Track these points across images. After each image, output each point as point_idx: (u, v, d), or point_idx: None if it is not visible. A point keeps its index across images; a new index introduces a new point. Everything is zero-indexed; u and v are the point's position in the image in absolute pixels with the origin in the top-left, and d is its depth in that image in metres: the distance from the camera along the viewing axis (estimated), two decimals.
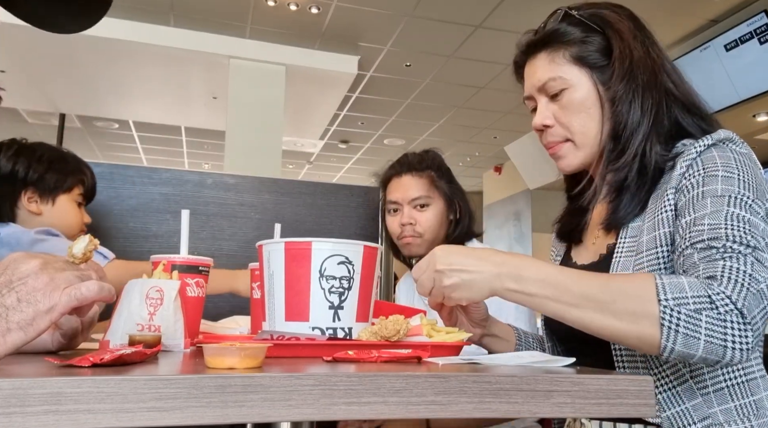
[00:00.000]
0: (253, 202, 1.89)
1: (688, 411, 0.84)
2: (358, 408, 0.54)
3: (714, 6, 4.12)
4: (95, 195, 1.66)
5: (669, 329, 0.70)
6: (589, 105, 0.96)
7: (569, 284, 0.76)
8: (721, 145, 0.88)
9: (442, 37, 4.56)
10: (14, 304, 0.58)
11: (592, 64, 0.96)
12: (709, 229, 0.78)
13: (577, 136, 0.98)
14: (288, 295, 0.85)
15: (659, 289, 0.72)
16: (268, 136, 4.71)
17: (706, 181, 0.84)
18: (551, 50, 0.98)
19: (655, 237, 0.87)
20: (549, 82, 0.98)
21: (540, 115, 1.00)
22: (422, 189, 1.66)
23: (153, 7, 4.26)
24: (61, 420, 0.47)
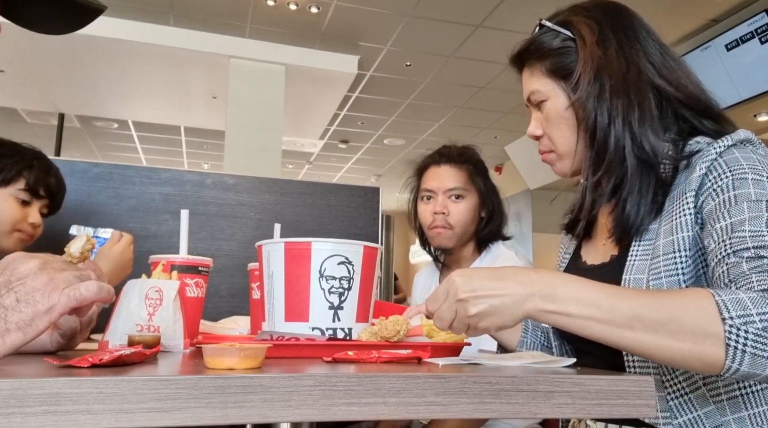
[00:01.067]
0: (253, 202, 1.89)
1: (701, 418, 0.82)
2: (358, 409, 0.54)
3: (714, 6, 4.12)
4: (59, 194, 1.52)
5: (736, 349, 0.66)
6: (567, 115, 0.97)
7: (615, 303, 0.71)
8: (742, 146, 0.85)
9: (442, 37, 4.56)
10: (13, 305, 0.57)
11: (563, 75, 0.96)
12: (752, 237, 0.74)
13: (558, 146, 0.99)
14: (288, 295, 0.84)
15: (721, 307, 0.67)
16: (268, 136, 4.71)
17: (736, 185, 0.80)
18: (530, 65, 1.01)
19: (673, 241, 0.84)
20: (531, 95, 1.00)
21: (531, 125, 1.03)
22: (459, 180, 1.67)
23: (153, 7, 4.25)
24: (60, 421, 0.47)
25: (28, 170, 1.44)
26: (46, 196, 1.48)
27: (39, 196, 1.47)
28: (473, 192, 1.67)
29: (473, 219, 1.68)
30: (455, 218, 1.65)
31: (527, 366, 0.71)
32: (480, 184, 1.68)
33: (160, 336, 0.83)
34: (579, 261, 1.05)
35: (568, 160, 1.00)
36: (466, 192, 1.66)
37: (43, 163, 1.48)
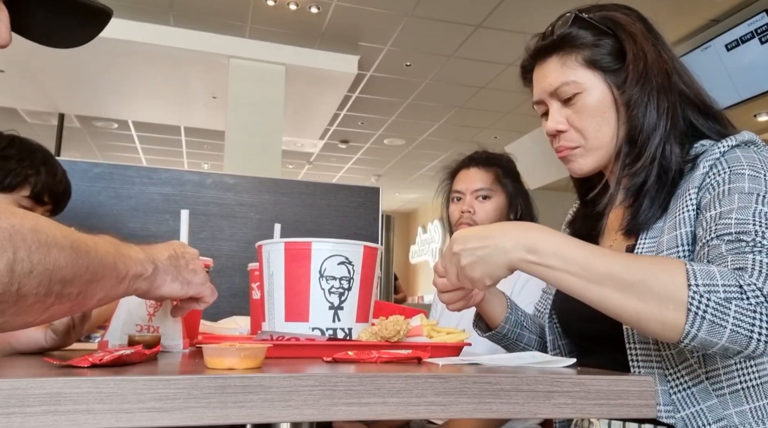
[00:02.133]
0: (253, 202, 1.89)
1: (703, 412, 0.83)
2: (358, 409, 0.54)
3: (714, 6, 4.12)
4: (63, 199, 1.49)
5: (696, 315, 0.68)
6: (604, 109, 0.95)
7: (591, 260, 0.74)
8: (744, 147, 0.88)
9: (442, 37, 4.56)
10: (184, 266, 0.74)
11: (605, 67, 0.96)
12: (737, 223, 0.77)
13: (591, 140, 0.96)
14: (288, 296, 0.84)
15: (689, 274, 0.70)
16: (268, 136, 4.71)
17: (732, 179, 0.83)
18: (563, 54, 0.97)
19: (676, 236, 0.86)
20: (562, 86, 0.96)
21: (553, 121, 0.99)
22: (486, 181, 1.71)
23: (153, 7, 4.26)
24: (61, 421, 0.47)
25: (35, 176, 1.40)
26: (49, 202, 1.44)
27: (43, 202, 1.43)
28: (500, 193, 1.71)
29: (500, 220, 1.70)
30: (480, 216, 1.69)
31: (527, 366, 0.71)
32: (509, 185, 1.71)
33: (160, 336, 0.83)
34: None
35: (596, 156, 0.97)
36: (492, 192, 1.70)
37: (50, 169, 1.43)
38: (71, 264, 0.55)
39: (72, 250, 0.55)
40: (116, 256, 0.63)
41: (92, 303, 0.61)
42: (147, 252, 0.69)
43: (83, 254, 0.57)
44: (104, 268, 0.60)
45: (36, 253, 0.51)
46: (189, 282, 0.74)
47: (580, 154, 0.98)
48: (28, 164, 1.39)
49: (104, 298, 0.62)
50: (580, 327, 1.02)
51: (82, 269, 0.56)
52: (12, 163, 1.38)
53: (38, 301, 0.53)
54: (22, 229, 0.51)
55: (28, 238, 0.51)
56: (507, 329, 1.10)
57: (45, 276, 0.52)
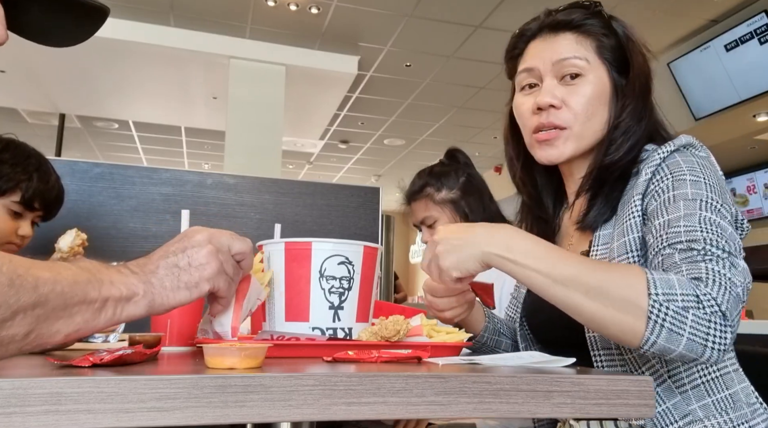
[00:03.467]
0: (253, 202, 1.89)
1: (669, 410, 0.85)
2: (358, 408, 0.54)
3: (714, 6, 4.13)
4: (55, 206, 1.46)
5: (655, 323, 0.71)
6: (603, 100, 0.96)
7: (558, 262, 0.76)
8: (684, 151, 0.90)
9: (442, 37, 4.56)
10: (185, 267, 0.67)
11: (610, 62, 0.98)
12: (686, 231, 0.79)
13: (578, 125, 0.96)
14: (288, 296, 0.85)
15: (650, 283, 0.72)
16: (268, 136, 4.72)
17: (675, 185, 0.85)
18: (579, 34, 0.98)
19: (625, 243, 0.89)
20: (573, 58, 0.95)
21: (548, 94, 0.96)
22: (425, 211, 1.75)
23: (153, 7, 4.26)
24: (61, 420, 0.47)
25: (27, 182, 1.37)
26: (40, 208, 1.42)
27: (33, 208, 1.41)
28: (442, 212, 1.73)
29: None
30: None
31: (527, 366, 0.71)
32: (444, 198, 1.73)
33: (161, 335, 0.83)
34: None
35: (577, 144, 0.97)
36: (434, 218, 1.74)
37: (43, 175, 1.41)
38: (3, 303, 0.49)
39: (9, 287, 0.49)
40: (87, 284, 0.57)
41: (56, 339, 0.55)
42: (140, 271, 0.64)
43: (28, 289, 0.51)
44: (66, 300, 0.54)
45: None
46: (196, 284, 0.67)
47: (566, 137, 0.96)
48: (21, 170, 1.38)
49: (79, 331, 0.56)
50: (548, 334, 1.04)
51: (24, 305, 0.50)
52: (5, 168, 1.37)
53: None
54: None
55: None
56: (486, 337, 1.11)
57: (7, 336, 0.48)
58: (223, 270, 0.70)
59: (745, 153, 5.73)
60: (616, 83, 0.97)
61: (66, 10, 0.76)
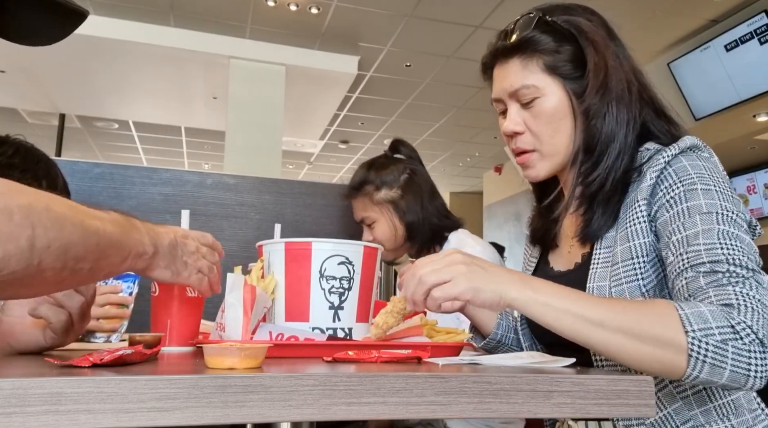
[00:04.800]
0: (253, 202, 1.89)
1: (671, 415, 0.85)
2: (358, 408, 0.54)
3: (714, 6, 4.12)
4: None
5: (697, 359, 0.71)
6: (561, 115, 0.95)
7: (588, 302, 0.76)
8: (689, 153, 0.89)
9: (442, 37, 4.56)
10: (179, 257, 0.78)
11: (565, 75, 0.95)
12: (707, 250, 0.79)
13: (546, 145, 0.97)
14: (288, 296, 0.85)
15: (684, 320, 0.72)
16: (268, 136, 4.72)
17: (688, 196, 0.84)
18: (524, 57, 0.96)
19: (630, 247, 0.88)
20: (521, 89, 0.96)
21: (511, 122, 0.98)
22: (362, 210, 1.71)
23: (153, 7, 4.26)
24: (61, 421, 0.47)
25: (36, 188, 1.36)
26: None
27: None
28: (379, 212, 1.68)
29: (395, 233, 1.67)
30: (379, 240, 1.68)
31: (527, 366, 0.71)
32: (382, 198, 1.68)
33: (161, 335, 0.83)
34: (547, 268, 1.06)
35: (551, 161, 0.98)
36: (372, 218, 1.69)
37: (52, 181, 1.41)
38: (82, 242, 0.58)
39: (83, 229, 0.59)
40: (121, 236, 0.66)
41: (99, 277, 0.65)
42: (151, 235, 0.73)
43: (93, 233, 0.60)
44: (110, 247, 0.64)
45: (51, 230, 0.54)
46: (178, 273, 0.78)
47: (537, 159, 0.98)
48: (31, 175, 1.36)
49: (108, 274, 0.67)
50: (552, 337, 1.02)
51: (92, 246, 0.60)
52: (16, 173, 1.35)
53: (54, 275, 0.56)
54: (38, 207, 0.54)
55: (43, 216, 0.54)
56: (501, 335, 1.09)
57: (61, 251, 0.55)
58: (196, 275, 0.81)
59: (745, 153, 5.73)
60: (576, 92, 0.95)
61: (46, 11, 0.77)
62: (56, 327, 0.79)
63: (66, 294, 0.79)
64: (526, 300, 0.76)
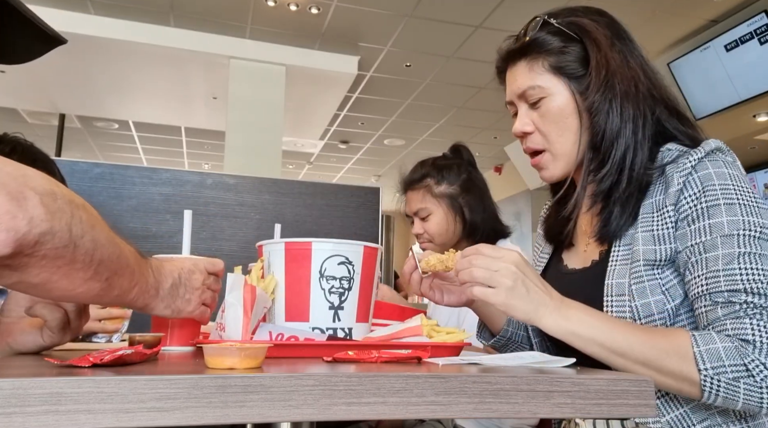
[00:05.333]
0: (253, 202, 1.89)
1: (687, 414, 0.85)
2: (358, 409, 0.54)
3: (714, 6, 4.12)
4: None
5: (710, 393, 0.77)
6: (567, 114, 0.97)
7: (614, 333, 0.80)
8: (714, 156, 0.89)
9: (442, 37, 4.56)
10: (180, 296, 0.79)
11: (570, 74, 0.97)
12: (726, 277, 0.80)
13: (554, 145, 0.98)
14: (288, 296, 0.85)
15: (698, 358, 0.77)
16: (268, 136, 4.72)
17: (710, 212, 0.84)
18: (530, 59, 0.99)
19: (655, 250, 0.88)
20: (528, 90, 0.98)
21: (520, 122, 1.01)
22: (419, 201, 1.74)
23: (153, 7, 4.26)
24: (61, 421, 0.47)
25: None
26: None
27: None
28: (437, 204, 1.72)
29: (448, 228, 1.71)
30: (431, 233, 1.73)
31: (527, 366, 0.71)
32: (442, 192, 1.72)
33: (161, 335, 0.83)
34: (561, 266, 1.06)
35: (563, 162, 0.99)
36: (428, 209, 1.72)
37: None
38: (108, 248, 0.61)
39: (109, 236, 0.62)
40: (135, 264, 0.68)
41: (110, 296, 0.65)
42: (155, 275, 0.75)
43: (115, 245, 0.63)
44: (126, 267, 0.66)
45: (85, 223, 0.58)
46: (180, 311, 0.79)
47: (549, 159, 1.00)
48: None
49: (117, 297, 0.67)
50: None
51: (114, 257, 0.62)
52: None
53: (82, 269, 0.59)
54: (76, 200, 0.58)
55: (80, 209, 0.57)
56: (511, 332, 1.08)
57: (91, 245, 0.58)
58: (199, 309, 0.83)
59: (745, 153, 5.73)
60: (580, 91, 0.97)
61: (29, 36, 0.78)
62: (53, 325, 0.79)
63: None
64: (557, 329, 0.82)
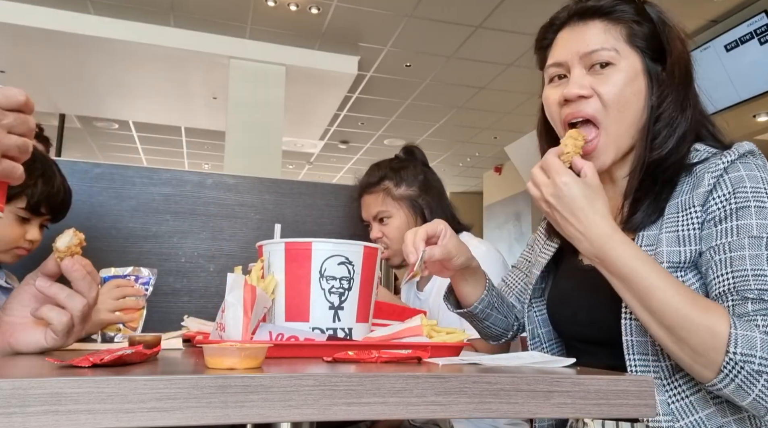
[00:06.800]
0: (253, 202, 1.89)
1: (702, 420, 0.82)
2: (358, 409, 0.54)
3: (714, 6, 4.12)
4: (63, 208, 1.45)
5: (726, 376, 0.73)
6: (634, 90, 0.91)
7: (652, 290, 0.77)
8: (746, 159, 0.86)
9: (442, 37, 4.56)
10: None
11: (643, 50, 0.93)
12: (755, 276, 0.78)
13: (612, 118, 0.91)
14: (288, 296, 0.85)
15: (731, 341, 0.73)
16: (268, 136, 4.72)
17: (739, 214, 0.82)
18: (608, 21, 0.93)
19: (679, 252, 0.85)
20: (601, 50, 0.91)
21: (575, 85, 0.91)
22: (378, 205, 1.71)
23: (153, 7, 4.26)
24: (61, 421, 0.47)
25: (32, 188, 1.36)
26: (47, 212, 1.42)
27: (40, 213, 1.40)
28: (397, 207, 1.69)
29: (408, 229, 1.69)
30: (390, 237, 1.70)
31: (527, 366, 0.71)
32: (402, 194, 1.69)
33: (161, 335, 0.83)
34: (576, 260, 1.03)
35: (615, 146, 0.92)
36: (389, 213, 1.70)
37: (48, 180, 1.40)
38: None
39: None
40: None
41: None
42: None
43: None
44: None
45: None
46: None
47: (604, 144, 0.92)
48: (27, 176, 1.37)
49: None
50: (575, 330, 1.01)
51: None
52: None
53: None
54: None
55: None
56: (479, 309, 1.11)
57: None
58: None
59: None
60: (651, 71, 0.92)
61: None
62: (57, 328, 0.79)
63: (68, 295, 0.78)
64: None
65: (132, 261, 1.50)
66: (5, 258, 1.39)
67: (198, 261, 1.80)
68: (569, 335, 1.04)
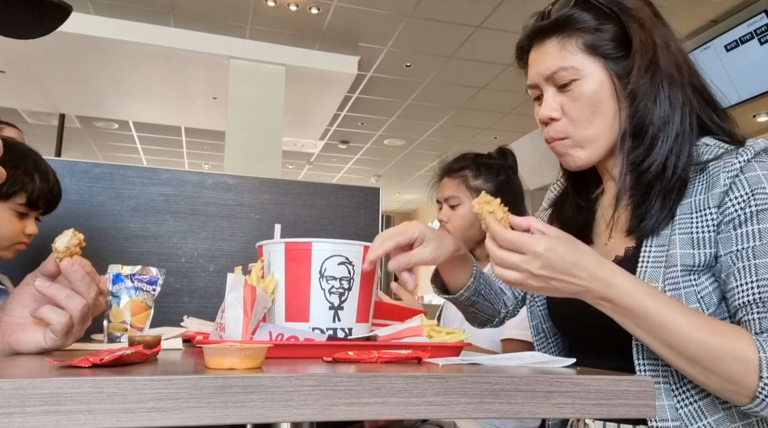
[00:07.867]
0: (253, 202, 1.89)
1: (711, 425, 0.82)
2: (358, 409, 0.54)
3: (714, 6, 4.12)
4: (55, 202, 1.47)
5: (763, 401, 0.73)
6: (602, 98, 0.89)
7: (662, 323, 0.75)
8: (762, 157, 0.83)
9: (442, 37, 4.56)
10: None
11: (607, 55, 0.89)
12: None
13: (581, 131, 0.90)
14: (288, 296, 0.85)
15: (762, 365, 0.72)
16: (268, 136, 4.72)
17: (760, 217, 0.79)
18: (563, 37, 0.91)
19: (694, 255, 0.83)
20: (559, 71, 0.90)
21: (547, 107, 0.92)
22: (452, 189, 1.76)
23: (153, 7, 4.26)
24: (61, 421, 0.47)
25: (31, 184, 1.38)
26: (43, 206, 1.44)
27: (37, 207, 1.42)
28: (469, 197, 1.73)
29: (472, 224, 1.72)
30: (453, 224, 1.74)
31: (527, 366, 0.71)
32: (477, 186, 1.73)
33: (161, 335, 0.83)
34: None
35: (591, 149, 0.92)
36: (459, 199, 1.74)
37: (43, 174, 1.42)
38: None
39: None
40: None
41: None
42: None
43: None
44: None
45: None
46: None
47: (569, 145, 0.92)
48: (22, 172, 1.39)
49: None
50: (580, 329, 1.00)
51: None
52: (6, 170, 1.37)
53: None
54: None
55: None
56: (465, 296, 1.09)
57: None
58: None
59: None
60: (618, 73, 0.89)
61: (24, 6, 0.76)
62: (57, 328, 0.78)
63: (67, 296, 0.78)
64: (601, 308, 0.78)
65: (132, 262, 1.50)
66: (7, 254, 1.40)
67: (198, 261, 1.80)
68: (573, 335, 1.03)
